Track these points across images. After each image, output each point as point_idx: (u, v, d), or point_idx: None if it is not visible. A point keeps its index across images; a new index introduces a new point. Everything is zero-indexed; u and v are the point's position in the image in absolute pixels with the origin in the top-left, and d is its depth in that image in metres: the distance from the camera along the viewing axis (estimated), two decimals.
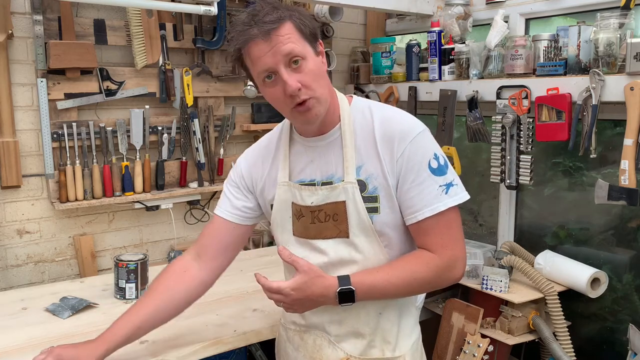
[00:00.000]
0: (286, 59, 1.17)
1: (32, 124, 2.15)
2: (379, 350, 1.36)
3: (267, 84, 1.21)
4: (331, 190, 1.29)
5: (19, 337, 1.59)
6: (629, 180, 1.80)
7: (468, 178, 2.58)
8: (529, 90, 2.08)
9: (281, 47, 1.16)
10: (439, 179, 1.25)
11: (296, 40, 1.18)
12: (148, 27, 2.29)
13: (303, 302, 1.26)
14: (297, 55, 1.17)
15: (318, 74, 1.23)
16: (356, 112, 1.32)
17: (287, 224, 1.37)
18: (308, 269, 1.24)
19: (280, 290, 1.24)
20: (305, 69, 1.19)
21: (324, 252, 1.32)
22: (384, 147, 1.26)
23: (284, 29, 1.17)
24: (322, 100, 1.24)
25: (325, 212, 1.30)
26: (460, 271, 1.29)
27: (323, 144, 1.33)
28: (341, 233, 1.30)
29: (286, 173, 1.35)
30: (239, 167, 1.46)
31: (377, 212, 1.27)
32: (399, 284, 1.26)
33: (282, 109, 1.26)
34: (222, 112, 2.57)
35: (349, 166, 1.28)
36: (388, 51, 2.71)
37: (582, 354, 2.07)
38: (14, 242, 2.17)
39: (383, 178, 1.26)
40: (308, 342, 1.40)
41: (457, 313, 2.16)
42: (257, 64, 1.19)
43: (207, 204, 2.62)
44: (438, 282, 1.29)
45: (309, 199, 1.31)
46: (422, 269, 1.26)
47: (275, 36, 1.16)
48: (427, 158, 1.25)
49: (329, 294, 1.24)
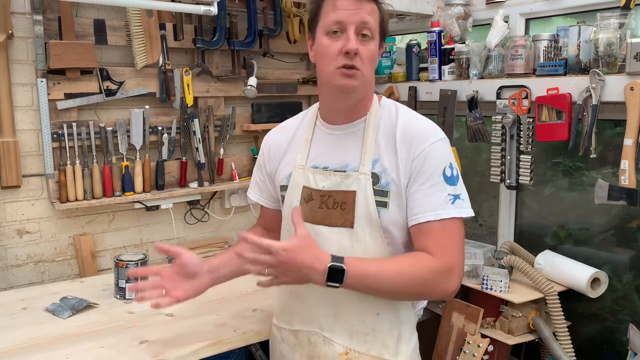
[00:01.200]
0: (361, 26, 1.24)
1: (32, 124, 2.15)
2: (376, 351, 1.35)
3: (329, 36, 1.26)
4: (345, 178, 1.31)
5: (19, 337, 1.59)
6: (629, 180, 1.80)
7: (468, 178, 2.58)
8: (529, 90, 2.08)
9: (364, 14, 1.24)
10: (449, 187, 1.26)
11: (375, 20, 1.27)
12: (148, 27, 2.29)
13: (289, 268, 1.19)
14: (370, 29, 1.25)
15: (373, 58, 1.30)
16: (383, 110, 1.36)
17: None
18: (305, 235, 1.22)
19: (270, 248, 1.17)
20: (368, 46, 1.26)
21: (326, 239, 1.32)
22: (403, 146, 1.29)
23: (373, 5, 1.27)
24: (366, 80, 1.29)
25: (335, 199, 1.31)
26: (455, 283, 1.26)
27: (343, 133, 1.35)
28: (346, 222, 1.30)
29: (304, 157, 1.38)
30: (262, 150, 1.53)
31: (386, 207, 1.28)
32: (393, 277, 1.22)
33: (327, 66, 1.27)
34: (222, 112, 2.57)
35: (366, 158, 1.30)
36: (388, 51, 2.71)
37: (582, 354, 2.07)
38: (14, 242, 2.17)
39: (396, 175, 1.28)
40: (303, 341, 1.40)
41: (457, 313, 2.16)
42: (336, 13, 1.25)
43: (207, 204, 2.62)
44: (433, 284, 1.25)
45: (322, 183, 1.33)
46: (418, 266, 1.24)
47: (365, 3, 1.24)
48: (444, 165, 1.27)
49: (318, 268, 1.18)
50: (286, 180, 1.41)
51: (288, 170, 1.41)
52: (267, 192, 1.53)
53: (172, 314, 1.74)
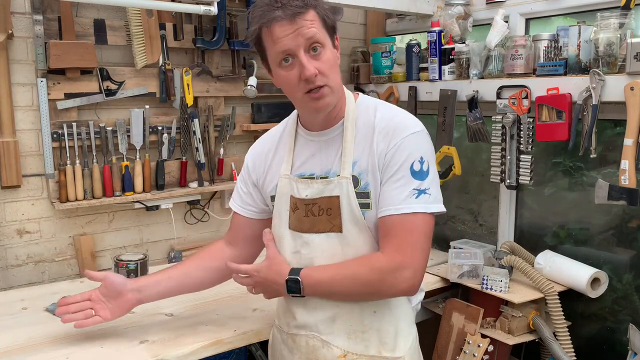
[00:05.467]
0: (307, 44, 1.19)
1: (32, 124, 2.15)
2: (375, 349, 1.35)
3: (282, 67, 1.23)
4: (326, 184, 1.30)
5: (19, 337, 1.59)
6: (629, 180, 1.80)
7: (468, 178, 2.58)
8: (529, 90, 2.08)
9: (305, 31, 1.18)
10: (415, 182, 1.24)
11: (319, 27, 1.21)
12: (148, 27, 2.29)
13: (264, 285, 1.38)
14: (318, 41, 1.20)
15: (334, 65, 1.26)
16: (361, 108, 1.33)
17: (284, 216, 1.38)
18: (272, 255, 1.36)
19: (246, 271, 1.38)
20: (323, 57, 1.22)
21: (316, 247, 1.33)
22: (380, 140, 1.27)
23: (309, 15, 1.20)
24: (335, 90, 1.27)
25: (320, 206, 1.31)
26: (408, 281, 1.24)
27: (325, 139, 1.34)
28: (334, 227, 1.30)
29: (289, 166, 1.38)
30: (246, 162, 1.52)
31: (369, 207, 1.28)
32: (343, 282, 1.27)
33: (294, 94, 1.27)
34: (222, 112, 2.57)
35: (346, 161, 1.29)
36: (388, 51, 2.71)
37: (582, 354, 2.07)
38: (14, 242, 2.17)
39: (372, 174, 1.27)
40: (301, 344, 1.40)
41: (457, 313, 2.16)
42: (278, 45, 1.20)
43: (207, 204, 2.62)
44: (380, 286, 1.25)
45: (304, 192, 1.33)
46: (364, 269, 1.25)
47: (300, 19, 1.18)
48: (413, 158, 1.25)
49: (280, 282, 1.31)
50: (274, 190, 1.41)
51: (275, 180, 1.40)
52: (249, 203, 1.51)
53: (172, 314, 1.74)
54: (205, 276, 1.54)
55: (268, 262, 1.36)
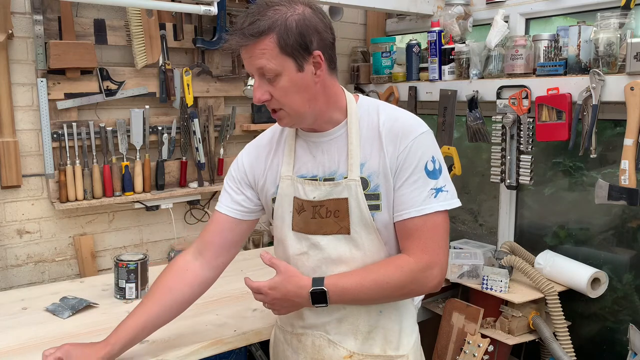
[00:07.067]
0: (260, 72, 1.21)
1: (32, 124, 2.15)
2: (379, 348, 1.36)
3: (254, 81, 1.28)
4: (334, 187, 1.30)
5: (19, 337, 1.59)
6: (629, 180, 1.80)
7: (468, 178, 2.58)
8: (529, 90, 2.08)
9: (255, 61, 1.20)
10: (431, 182, 1.26)
11: (272, 56, 1.18)
12: (148, 27, 2.29)
13: (281, 302, 1.31)
14: (267, 72, 1.20)
15: (292, 90, 1.22)
16: (362, 110, 1.33)
17: (287, 218, 1.37)
18: (284, 269, 1.30)
19: (260, 289, 1.30)
20: (277, 84, 1.21)
21: (323, 249, 1.32)
22: (389, 143, 1.27)
23: (261, 44, 1.17)
24: (294, 114, 1.26)
25: (327, 208, 1.31)
26: (437, 278, 1.27)
27: (326, 140, 1.34)
28: (342, 229, 1.30)
29: (290, 167, 1.36)
30: (240, 162, 1.46)
31: (379, 209, 1.28)
32: (372, 287, 1.26)
33: None
34: (222, 112, 2.57)
35: (353, 163, 1.29)
36: (388, 51, 2.71)
37: (582, 354, 2.07)
38: (14, 242, 2.17)
39: (384, 176, 1.27)
40: (307, 344, 1.40)
41: (457, 313, 2.16)
42: (244, 64, 1.25)
43: (207, 204, 2.62)
44: (412, 287, 1.27)
45: (312, 194, 1.32)
46: (395, 272, 1.25)
47: (251, 49, 1.19)
48: (425, 159, 1.26)
49: (303, 294, 1.27)
50: (275, 192, 1.39)
51: (276, 181, 1.39)
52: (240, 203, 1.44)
53: None
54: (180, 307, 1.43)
55: (283, 277, 1.29)
